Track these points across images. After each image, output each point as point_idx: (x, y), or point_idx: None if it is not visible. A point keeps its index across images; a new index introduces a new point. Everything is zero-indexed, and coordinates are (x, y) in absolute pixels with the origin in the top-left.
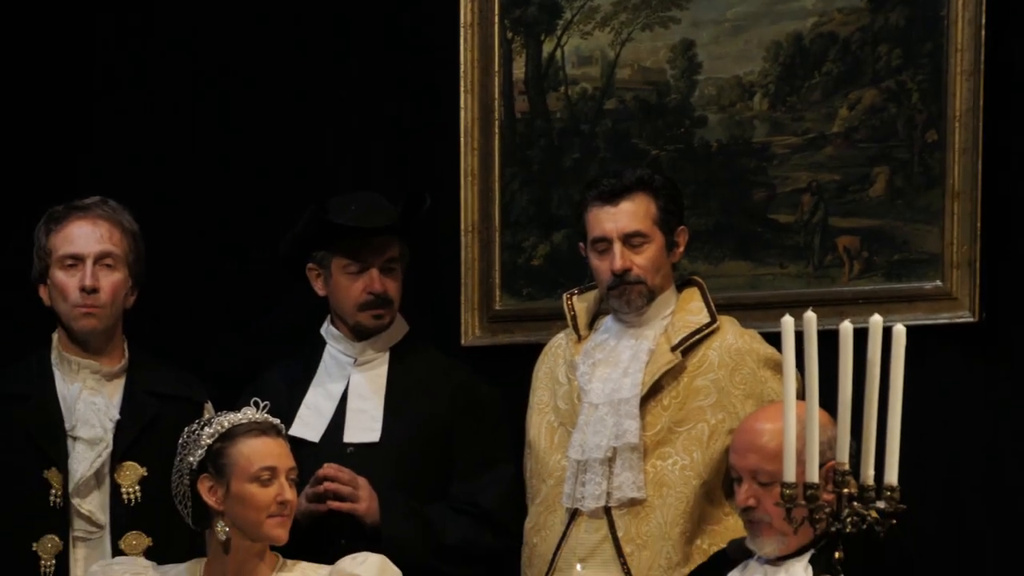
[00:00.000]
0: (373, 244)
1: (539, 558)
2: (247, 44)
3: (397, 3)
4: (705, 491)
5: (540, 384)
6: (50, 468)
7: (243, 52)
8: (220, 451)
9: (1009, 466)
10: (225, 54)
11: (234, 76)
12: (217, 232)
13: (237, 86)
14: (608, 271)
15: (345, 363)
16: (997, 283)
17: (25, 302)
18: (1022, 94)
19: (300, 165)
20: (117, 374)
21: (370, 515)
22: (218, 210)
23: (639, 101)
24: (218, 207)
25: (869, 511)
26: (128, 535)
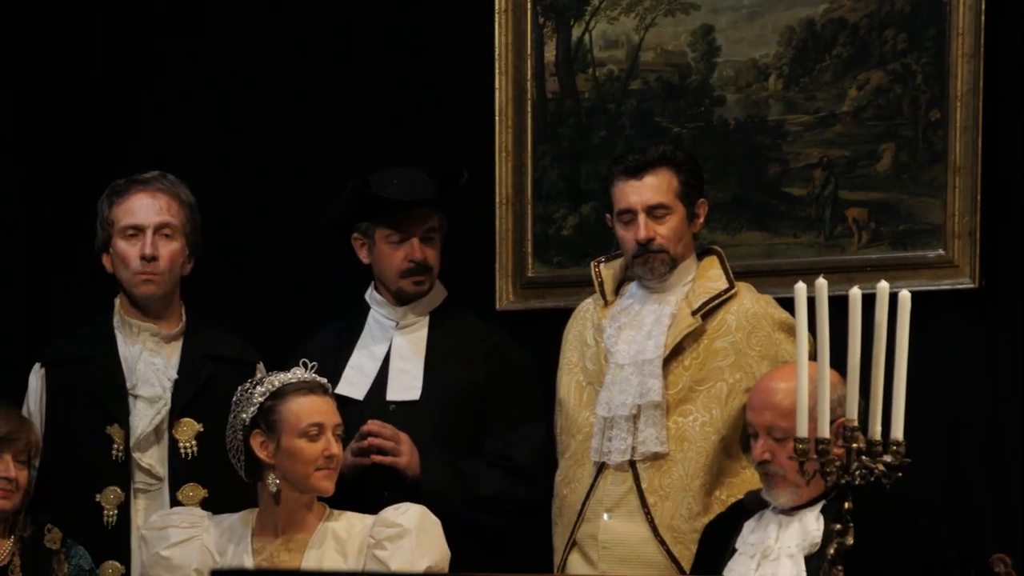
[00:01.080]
0: (414, 215)
1: (569, 509)
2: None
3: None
4: (723, 446)
5: (569, 346)
6: (113, 424)
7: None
8: (271, 408)
9: (1006, 421)
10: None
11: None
12: (269, 203)
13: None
14: (633, 240)
15: (388, 326)
16: (996, 252)
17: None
18: (1019, 76)
19: (346, 140)
20: (175, 337)
21: (411, 468)
22: (270, 181)
23: (662, 82)
24: (270, 178)
25: (876, 464)
26: (185, 487)
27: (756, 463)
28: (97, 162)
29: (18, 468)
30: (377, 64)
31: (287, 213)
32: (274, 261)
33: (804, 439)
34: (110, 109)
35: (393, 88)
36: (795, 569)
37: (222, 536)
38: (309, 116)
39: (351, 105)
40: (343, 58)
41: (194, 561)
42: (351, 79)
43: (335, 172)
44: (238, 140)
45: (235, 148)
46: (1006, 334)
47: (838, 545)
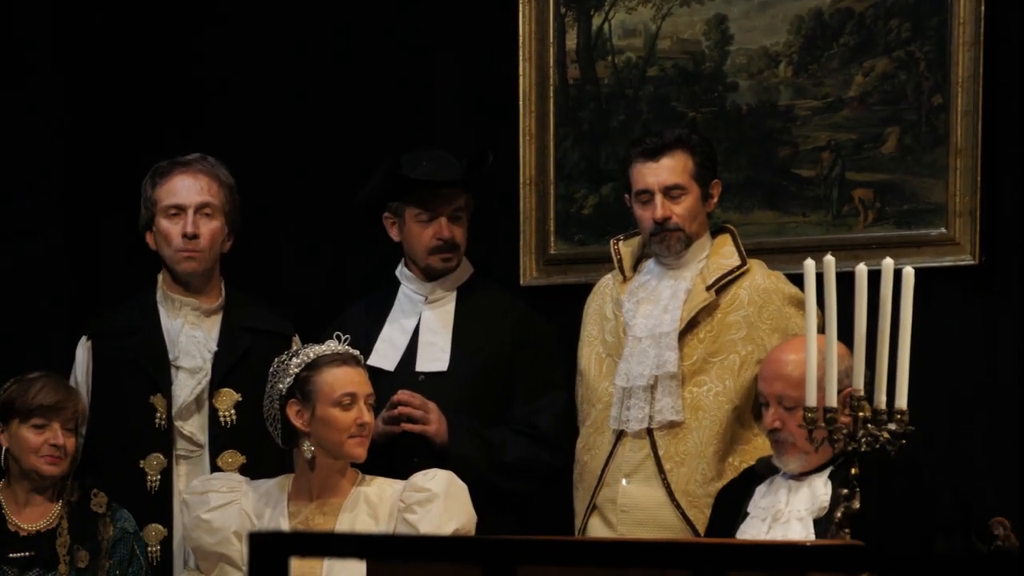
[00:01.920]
0: (442, 195)
1: (589, 474)
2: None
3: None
4: (736, 415)
5: (590, 319)
6: (156, 394)
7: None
8: (306, 379)
9: (1004, 390)
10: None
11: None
12: (305, 184)
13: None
14: (650, 219)
15: (417, 301)
16: (995, 230)
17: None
18: (1017, 63)
19: (379, 123)
20: (215, 311)
21: (439, 436)
22: (307, 163)
23: (678, 69)
24: (307, 160)
25: (881, 432)
26: (224, 453)
27: (767, 431)
28: (141, 144)
29: (66, 436)
30: (409, 52)
31: (322, 193)
32: (309, 238)
33: (813, 408)
34: (154, 93)
35: (423, 74)
36: (804, 531)
37: (259, 500)
38: (345, 101)
39: (384, 90)
40: (379, 47)
41: (233, 524)
42: (385, 67)
43: (368, 154)
44: (277, 124)
45: (274, 131)
46: (1005, 308)
47: (845, 509)
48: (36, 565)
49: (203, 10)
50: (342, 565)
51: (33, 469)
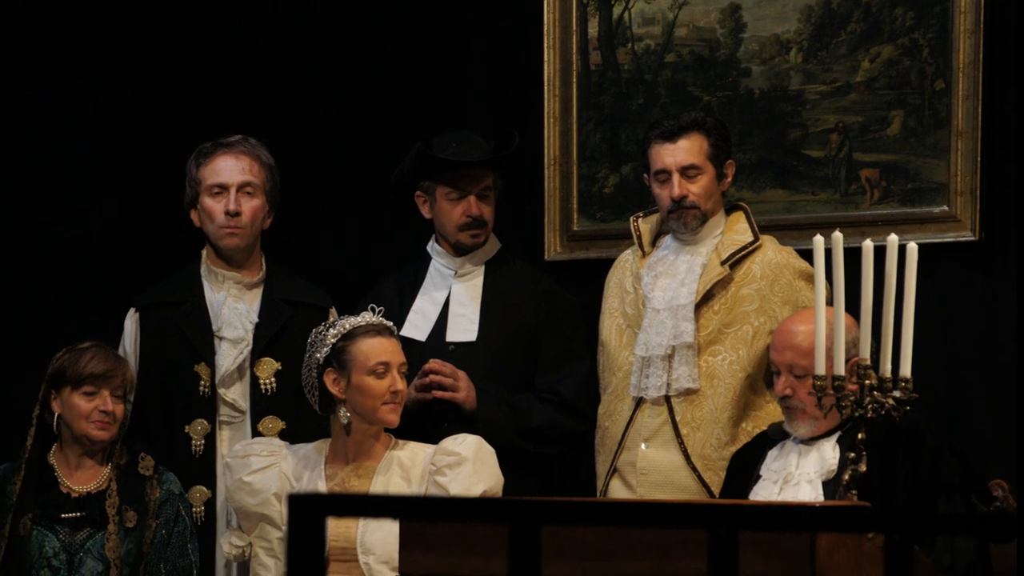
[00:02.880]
0: (471, 175)
1: (610, 439)
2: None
3: None
4: (749, 383)
5: (611, 292)
6: (200, 363)
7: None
8: (343, 349)
9: (1002, 358)
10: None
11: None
12: (341, 163)
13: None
14: (668, 198)
15: (447, 275)
16: (994, 208)
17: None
18: (1015, 50)
19: (411, 107)
20: (256, 284)
21: (468, 403)
22: (343, 144)
23: (694, 55)
24: (343, 141)
25: (887, 399)
26: (265, 419)
27: (778, 398)
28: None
29: (115, 402)
30: (440, 40)
31: (358, 173)
32: (346, 215)
33: (822, 376)
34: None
35: (454, 61)
36: (814, 493)
37: (298, 463)
38: (379, 86)
39: (416, 76)
40: (413, 37)
41: (273, 486)
42: (418, 55)
43: (401, 136)
44: (316, 108)
45: (313, 114)
46: (1003, 281)
47: (852, 471)
48: (87, 525)
49: (245, 1)
50: (376, 525)
51: (84, 434)
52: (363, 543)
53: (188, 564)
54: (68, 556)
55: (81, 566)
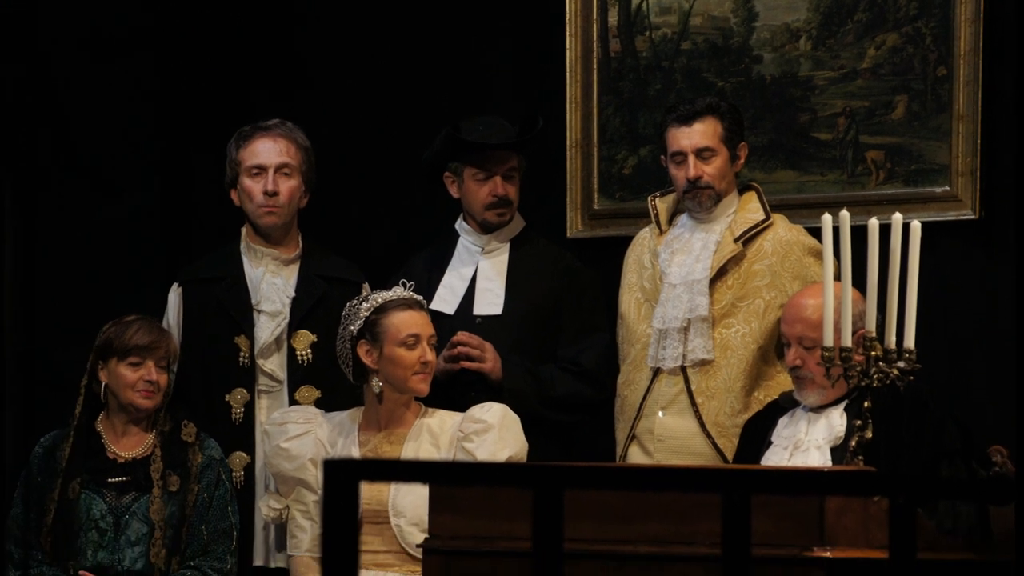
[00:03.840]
0: (497, 156)
1: (629, 407)
2: None
3: None
4: (761, 354)
5: (629, 268)
6: (240, 335)
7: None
8: (375, 322)
9: (1001, 331)
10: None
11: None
12: (374, 145)
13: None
14: (684, 178)
15: (474, 251)
16: (993, 188)
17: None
18: (1013, 39)
19: (440, 91)
20: (293, 260)
21: (494, 373)
22: (376, 126)
23: (708, 43)
24: (376, 124)
25: (891, 369)
26: (301, 388)
27: (789, 368)
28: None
29: (159, 372)
30: (468, 30)
31: (389, 154)
32: (378, 195)
33: (830, 348)
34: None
35: (481, 49)
36: (822, 459)
37: (333, 430)
38: (410, 71)
39: (446, 61)
40: (442, 26)
41: (309, 452)
42: (447, 42)
43: (431, 119)
44: (350, 92)
45: (347, 99)
46: (1002, 258)
47: (859, 438)
48: (132, 489)
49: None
50: (407, 489)
51: (129, 403)
52: (394, 506)
53: (228, 526)
54: (114, 518)
55: (127, 528)
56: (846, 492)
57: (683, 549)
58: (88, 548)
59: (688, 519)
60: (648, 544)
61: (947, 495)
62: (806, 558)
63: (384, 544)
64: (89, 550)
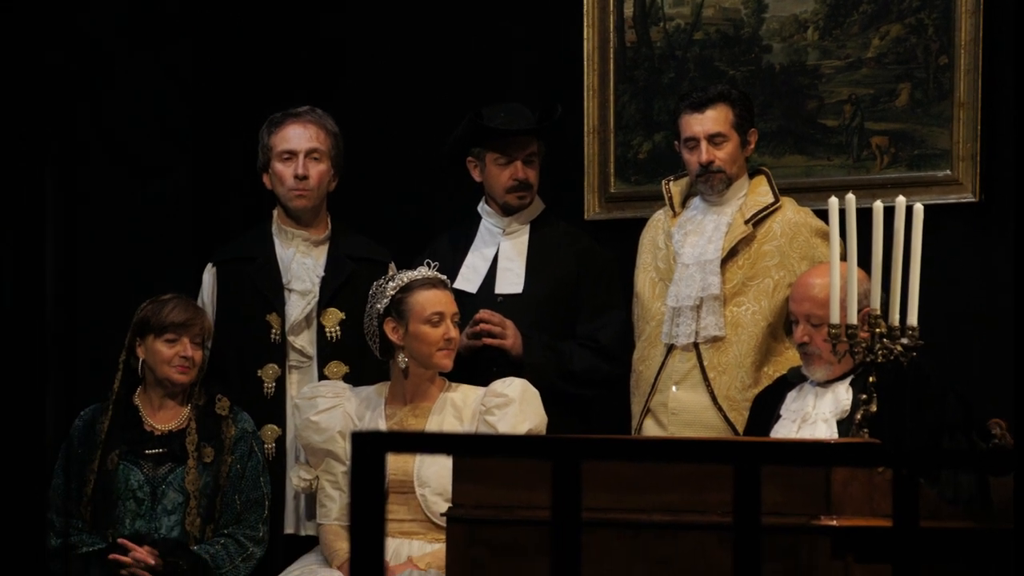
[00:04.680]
0: (517, 142)
1: (644, 382)
2: None
3: None
4: (770, 331)
5: (644, 249)
6: (271, 313)
7: None
8: (401, 300)
9: (999, 309)
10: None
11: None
12: (401, 131)
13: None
14: (696, 163)
15: (496, 233)
16: (992, 172)
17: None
18: (1011, 28)
19: (464, 79)
20: (322, 241)
21: (515, 349)
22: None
23: (720, 33)
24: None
25: (895, 345)
26: (330, 364)
27: (797, 344)
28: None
29: (194, 349)
30: (491, 21)
31: (415, 140)
32: (404, 179)
33: (836, 325)
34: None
35: (503, 39)
36: (829, 431)
37: (360, 404)
38: (435, 61)
39: (469, 52)
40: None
41: (337, 424)
42: (470, 33)
43: (454, 106)
44: (376, 80)
45: (374, 86)
46: (1000, 239)
47: (864, 411)
48: (168, 460)
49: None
50: (431, 460)
51: (166, 378)
52: (419, 476)
53: (260, 495)
54: (151, 488)
55: (163, 497)
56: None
57: (696, 518)
58: (126, 517)
59: (701, 489)
60: (662, 513)
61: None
62: (813, 526)
63: (410, 513)
64: (127, 519)
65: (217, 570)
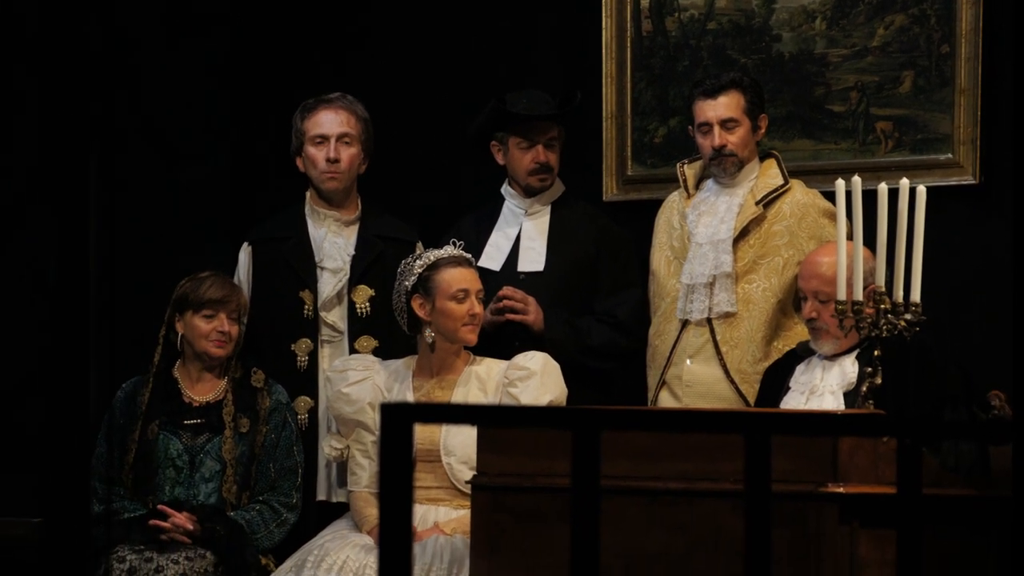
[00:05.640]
0: (539, 127)
1: (659, 355)
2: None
3: None
4: (780, 307)
5: (660, 229)
6: (304, 290)
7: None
8: (428, 277)
9: (998, 286)
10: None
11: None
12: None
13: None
14: (710, 147)
15: (518, 213)
16: (991, 156)
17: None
18: (1010, 18)
19: (487, 67)
20: (353, 221)
21: (536, 324)
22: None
23: (732, 23)
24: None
25: (899, 320)
26: (360, 338)
27: (805, 320)
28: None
29: (231, 324)
30: (514, 10)
31: (441, 124)
32: (430, 162)
33: (843, 301)
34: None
35: (525, 28)
36: (836, 403)
37: (389, 377)
38: (460, 49)
39: (493, 40)
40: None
41: (367, 396)
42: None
43: (478, 92)
44: (404, 67)
45: (402, 74)
46: (999, 219)
47: (869, 384)
48: (206, 430)
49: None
50: (457, 430)
51: (204, 352)
52: (445, 446)
53: (294, 464)
54: (189, 457)
55: (201, 466)
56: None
57: (709, 485)
58: (166, 484)
59: (713, 458)
60: (677, 481)
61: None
62: (821, 493)
63: (436, 481)
64: (167, 486)
65: (253, 535)
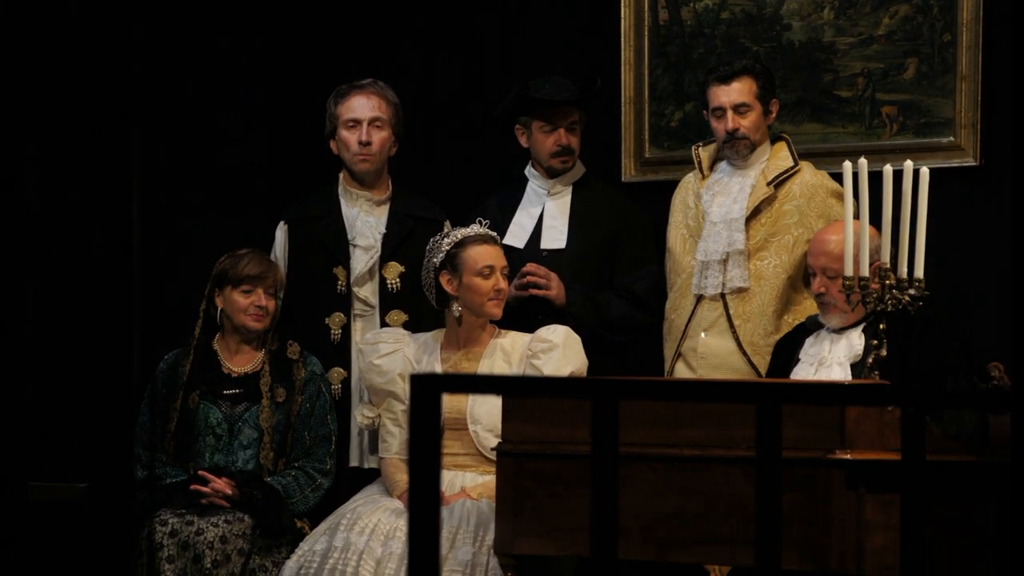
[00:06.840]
0: (561, 111)
1: (675, 329)
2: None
3: None
4: (790, 282)
5: (676, 208)
6: (338, 266)
7: None
8: (455, 255)
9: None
10: None
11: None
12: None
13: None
14: (723, 130)
15: (541, 194)
16: (991, 139)
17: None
18: (1009, 7)
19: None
20: (384, 201)
21: (559, 299)
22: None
23: (744, 13)
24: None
25: (903, 296)
26: (391, 312)
27: (814, 295)
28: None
29: (268, 299)
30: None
31: (468, 109)
32: (457, 144)
33: (850, 277)
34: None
35: (547, 17)
36: (843, 373)
37: (418, 349)
38: (486, 38)
39: (517, 29)
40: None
41: (398, 367)
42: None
43: (504, 78)
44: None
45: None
46: (999, 200)
47: (875, 355)
48: (244, 400)
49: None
50: (483, 400)
51: (242, 325)
52: (472, 415)
53: (328, 432)
54: (228, 425)
55: (239, 434)
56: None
57: (722, 452)
58: (206, 451)
59: (727, 426)
60: (692, 448)
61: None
62: (829, 459)
63: (463, 448)
64: (207, 453)
65: (288, 499)
